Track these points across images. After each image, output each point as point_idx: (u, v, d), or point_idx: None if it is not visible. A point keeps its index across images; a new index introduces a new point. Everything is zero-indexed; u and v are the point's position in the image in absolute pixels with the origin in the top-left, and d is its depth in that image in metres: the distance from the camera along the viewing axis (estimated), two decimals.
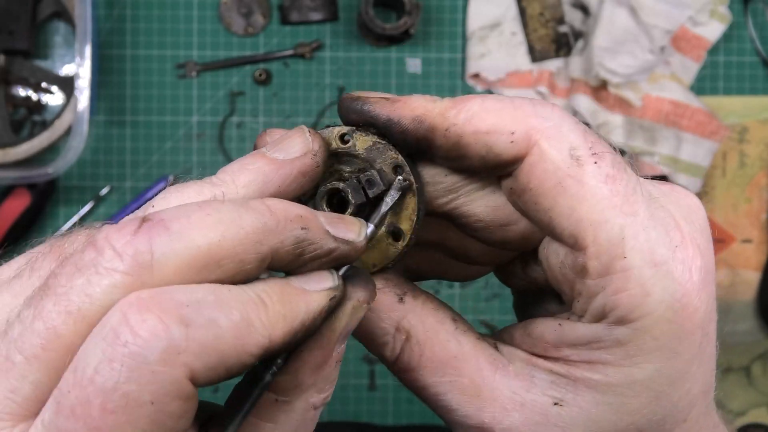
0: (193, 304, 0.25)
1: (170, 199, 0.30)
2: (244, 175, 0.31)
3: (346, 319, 0.30)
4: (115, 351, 0.24)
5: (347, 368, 1.05)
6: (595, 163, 0.31)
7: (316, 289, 0.29)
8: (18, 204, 1.01)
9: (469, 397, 0.33)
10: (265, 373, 0.29)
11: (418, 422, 1.04)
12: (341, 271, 0.31)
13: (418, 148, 0.33)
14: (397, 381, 0.35)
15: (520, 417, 0.32)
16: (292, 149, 0.32)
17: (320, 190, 0.34)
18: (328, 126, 0.34)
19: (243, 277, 0.27)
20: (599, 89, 1.04)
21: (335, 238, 0.30)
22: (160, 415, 0.25)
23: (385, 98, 0.33)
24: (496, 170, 0.33)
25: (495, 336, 0.36)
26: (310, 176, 0.32)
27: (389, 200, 0.33)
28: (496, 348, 0.34)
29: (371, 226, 0.32)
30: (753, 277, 1.07)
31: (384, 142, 0.34)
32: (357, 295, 0.30)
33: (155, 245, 0.26)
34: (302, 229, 0.29)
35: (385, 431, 1.03)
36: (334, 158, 0.34)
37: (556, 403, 0.32)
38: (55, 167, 0.94)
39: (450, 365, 0.33)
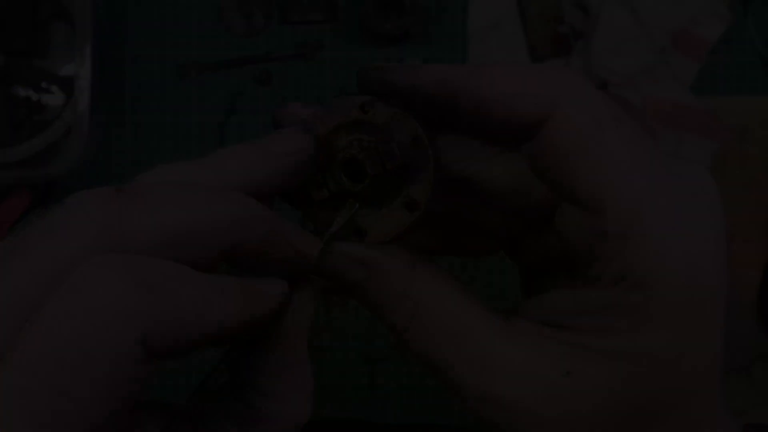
0: (156, 272, 0.26)
1: (158, 174, 0.31)
2: (233, 161, 0.32)
3: (291, 318, 0.32)
4: (73, 306, 0.25)
5: (347, 368, 1.05)
6: (617, 128, 0.31)
7: (268, 291, 0.30)
8: (18, 204, 1.01)
9: (477, 367, 0.32)
10: (214, 374, 0.31)
11: (418, 421, 1.04)
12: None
13: (441, 113, 0.33)
14: (397, 380, 0.34)
15: (528, 388, 0.32)
16: (285, 145, 0.33)
17: (338, 158, 0.34)
18: (349, 94, 0.34)
19: (205, 264, 0.28)
20: (599, 89, 1.04)
21: (296, 249, 0.31)
22: (113, 374, 0.25)
23: (405, 66, 0.34)
24: (518, 134, 0.33)
25: (506, 310, 0.35)
26: (297, 172, 0.33)
27: (340, 219, 0.34)
28: (505, 320, 0.34)
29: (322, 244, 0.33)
30: (753, 277, 1.07)
31: (403, 113, 0.34)
32: (300, 294, 0.32)
33: (125, 215, 0.26)
34: (269, 230, 0.30)
35: (385, 430, 1.03)
36: (353, 127, 0.34)
37: (565, 374, 0.31)
38: (55, 167, 0.94)
39: (458, 335, 0.33)
